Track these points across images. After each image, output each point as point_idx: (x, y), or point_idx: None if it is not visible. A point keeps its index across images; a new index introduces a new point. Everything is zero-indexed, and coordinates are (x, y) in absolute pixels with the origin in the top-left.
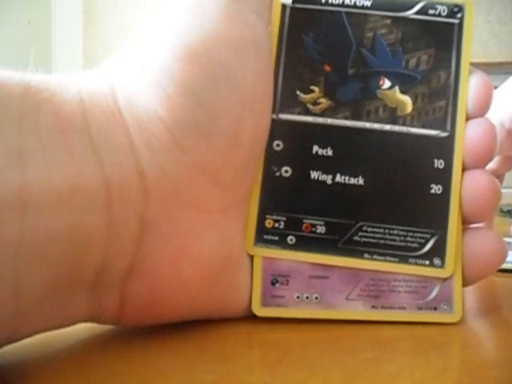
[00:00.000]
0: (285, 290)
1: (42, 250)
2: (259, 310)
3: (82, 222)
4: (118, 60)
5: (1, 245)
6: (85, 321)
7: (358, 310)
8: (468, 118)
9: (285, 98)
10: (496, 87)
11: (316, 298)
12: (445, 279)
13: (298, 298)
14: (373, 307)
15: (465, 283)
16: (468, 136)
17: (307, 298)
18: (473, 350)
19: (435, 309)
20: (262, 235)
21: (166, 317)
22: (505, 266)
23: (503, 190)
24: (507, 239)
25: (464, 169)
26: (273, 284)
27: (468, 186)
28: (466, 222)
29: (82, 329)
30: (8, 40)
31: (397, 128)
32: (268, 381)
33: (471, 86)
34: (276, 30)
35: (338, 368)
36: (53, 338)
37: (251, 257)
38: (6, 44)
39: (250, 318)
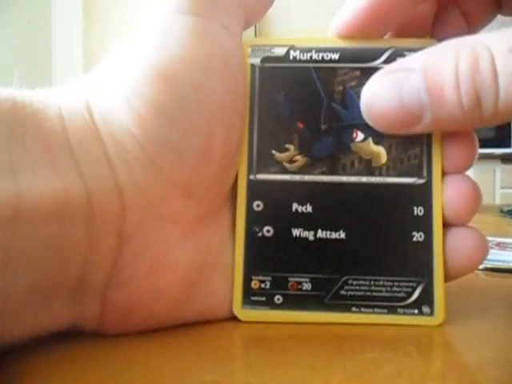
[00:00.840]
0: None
1: (27, 257)
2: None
3: (67, 233)
4: (93, 75)
5: None
6: (68, 328)
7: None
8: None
9: (261, 158)
10: None
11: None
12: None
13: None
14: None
15: (447, 279)
16: (447, 144)
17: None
18: (473, 351)
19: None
20: (249, 297)
21: (146, 324)
22: (499, 265)
23: (503, 191)
24: (506, 240)
25: (444, 174)
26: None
27: (449, 191)
28: (447, 225)
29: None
30: (8, 40)
31: (373, 179)
32: (267, 381)
33: None
34: (247, 90)
35: (338, 368)
36: (51, 339)
37: (230, 260)
38: (5, 44)
39: None
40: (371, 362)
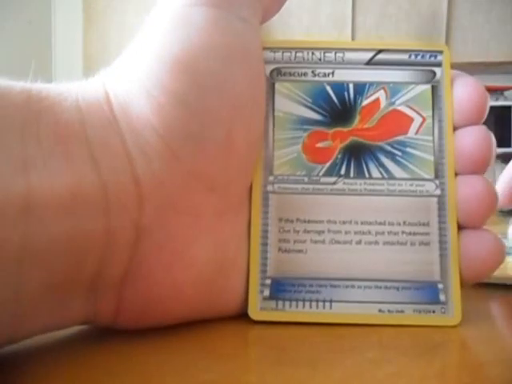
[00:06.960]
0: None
1: (42, 254)
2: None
3: (82, 228)
4: (112, 67)
5: (4, 249)
6: (81, 323)
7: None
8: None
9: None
10: (494, 87)
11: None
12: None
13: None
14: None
15: (462, 283)
16: (462, 143)
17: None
18: (473, 350)
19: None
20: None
21: (160, 320)
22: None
23: None
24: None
25: (457, 174)
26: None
27: (463, 192)
28: (461, 227)
29: (78, 328)
30: (8, 40)
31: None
32: (267, 380)
33: (458, 95)
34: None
35: (338, 367)
36: (50, 338)
37: (246, 258)
38: (6, 44)
39: (249, 316)
40: (371, 361)
